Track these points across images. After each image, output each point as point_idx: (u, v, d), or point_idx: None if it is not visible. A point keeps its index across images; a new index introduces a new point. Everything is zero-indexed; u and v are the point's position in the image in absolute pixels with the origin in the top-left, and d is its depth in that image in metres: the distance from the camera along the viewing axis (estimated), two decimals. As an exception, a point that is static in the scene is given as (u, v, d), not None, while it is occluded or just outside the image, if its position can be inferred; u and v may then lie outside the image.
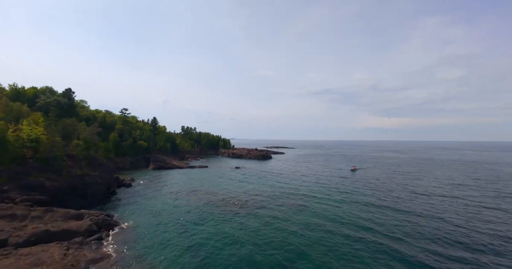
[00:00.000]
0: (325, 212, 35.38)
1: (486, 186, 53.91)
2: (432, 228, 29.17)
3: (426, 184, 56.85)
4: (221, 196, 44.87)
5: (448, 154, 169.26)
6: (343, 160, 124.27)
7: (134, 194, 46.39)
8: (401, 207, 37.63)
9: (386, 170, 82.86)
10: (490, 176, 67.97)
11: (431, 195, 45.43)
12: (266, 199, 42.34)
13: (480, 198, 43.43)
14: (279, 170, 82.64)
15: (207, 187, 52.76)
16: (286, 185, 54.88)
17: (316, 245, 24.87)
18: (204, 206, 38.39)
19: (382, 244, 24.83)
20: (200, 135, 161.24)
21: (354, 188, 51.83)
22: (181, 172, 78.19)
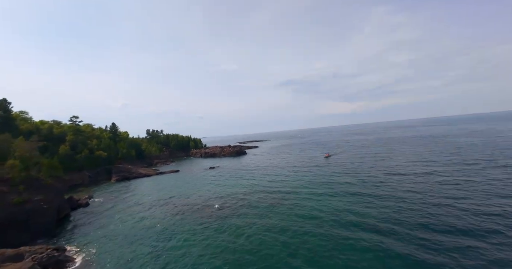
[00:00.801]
0: (308, 209, 33.45)
1: (451, 158, 57.36)
2: (416, 210, 28.87)
3: (397, 163, 58.77)
4: (195, 203, 40.72)
5: (405, 132, 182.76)
6: (315, 147, 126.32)
7: (93, 215, 40.02)
8: (380, 192, 37.34)
9: (357, 153, 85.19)
10: (450, 148, 73.24)
11: (406, 174, 46.49)
12: (244, 200, 39.30)
13: (450, 171, 45.50)
14: (255, 165, 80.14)
15: (179, 195, 48.01)
16: (263, 182, 52.42)
17: (300, 251, 22.59)
18: (177, 218, 34.07)
19: (372, 239, 23.48)
20: (168, 138, 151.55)
21: (331, 176, 51.26)
22: (150, 180, 71.49)
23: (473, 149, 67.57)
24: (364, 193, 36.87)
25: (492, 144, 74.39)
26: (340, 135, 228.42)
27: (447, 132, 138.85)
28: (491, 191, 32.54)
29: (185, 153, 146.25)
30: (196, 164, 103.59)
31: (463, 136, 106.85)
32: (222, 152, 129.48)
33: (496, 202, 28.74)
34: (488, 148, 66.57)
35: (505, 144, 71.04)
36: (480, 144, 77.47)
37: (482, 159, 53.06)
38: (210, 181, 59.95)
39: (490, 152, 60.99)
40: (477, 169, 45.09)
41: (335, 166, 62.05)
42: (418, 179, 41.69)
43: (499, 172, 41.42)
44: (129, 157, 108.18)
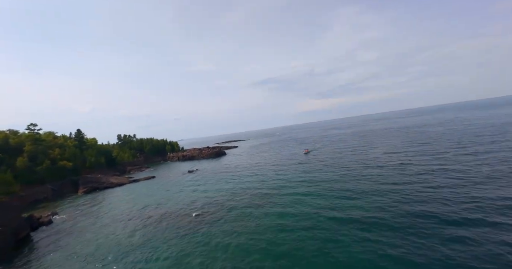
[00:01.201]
0: (292, 210, 31.85)
1: (424, 148, 59.21)
2: (399, 203, 28.38)
3: (376, 155, 59.52)
4: (172, 212, 37.48)
5: (379, 124, 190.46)
6: (295, 144, 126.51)
7: (57, 234, 35.34)
8: (363, 187, 36.77)
9: (336, 147, 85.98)
10: (422, 138, 76.23)
11: (385, 166, 46.74)
12: (225, 205, 36.84)
13: (425, 161, 46.49)
14: (235, 166, 77.61)
15: (155, 203, 44.26)
16: (244, 183, 50.17)
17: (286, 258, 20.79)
18: (151, 231, 30.74)
19: (360, 236, 22.29)
20: (142, 142, 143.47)
21: (313, 173, 50.35)
22: (122, 189, 66.13)
23: (442, 138, 70.74)
24: (347, 188, 36.07)
25: (459, 132, 78.65)
26: (318, 131, 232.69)
27: (417, 123, 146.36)
28: (467, 178, 33.17)
29: (161, 158, 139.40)
30: (173, 168, 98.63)
31: (432, 126, 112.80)
32: (200, 154, 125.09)
33: (472, 189, 29.11)
34: (456, 136, 70.08)
35: (470, 131, 75.31)
36: (448, 132, 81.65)
37: (452, 147, 55.25)
38: (189, 186, 56.53)
39: (458, 140, 64.06)
40: (449, 157, 46.56)
41: (316, 162, 61.52)
42: (397, 171, 41.91)
43: (470, 159, 42.94)
44: (99, 165, 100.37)
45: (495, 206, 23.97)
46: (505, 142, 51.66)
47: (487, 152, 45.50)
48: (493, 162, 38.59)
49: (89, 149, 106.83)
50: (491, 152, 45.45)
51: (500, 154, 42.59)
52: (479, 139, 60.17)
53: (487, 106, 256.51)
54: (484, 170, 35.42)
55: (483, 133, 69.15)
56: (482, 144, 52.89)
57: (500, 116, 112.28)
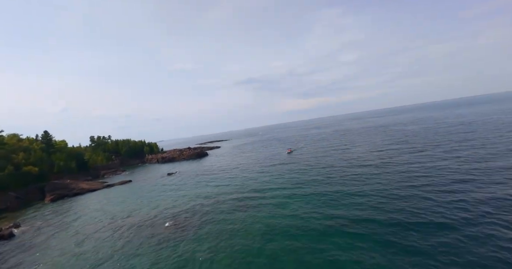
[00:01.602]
0: (278, 216, 30.66)
1: (402, 146, 60.91)
2: (385, 203, 28.20)
3: (358, 154, 60.20)
4: (147, 219, 34.79)
5: (359, 123, 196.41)
6: (277, 143, 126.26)
7: (17, 249, 31.46)
8: (348, 188, 36.55)
9: (318, 146, 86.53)
10: (400, 136, 78.79)
11: (367, 166, 47.12)
12: (204, 212, 34.79)
13: (405, 159, 47.52)
14: (217, 167, 75.34)
15: (129, 211, 41.09)
16: (226, 186, 48.26)
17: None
18: (122, 245, 28.02)
19: (349, 241, 21.53)
20: (117, 144, 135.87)
21: (297, 174, 49.64)
22: (94, 196, 61.42)
23: (418, 136, 73.51)
24: (332, 190, 35.48)
25: (433, 130, 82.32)
26: (300, 130, 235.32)
27: (394, 121, 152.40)
28: (448, 176, 33.96)
29: (139, 160, 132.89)
30: (152, 171, 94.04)
31: (408, 124, 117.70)
32: (181, 155, 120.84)
33: (454, 187, 29.68)
34: (430, 134, 73.13)
35: (444, 130, 79.01)
36: (423, 131, 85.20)
37: (429, 145, 57.26)
38: (167, 190, 53.54)
39: (432, 137, 66.77)
40: (427, 155, 47.96)
41: (300, 162, 61.06)
42: (379, 170, 42.22)
43: (448, 156, 44.41)
44: (69, 170, 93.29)
45: (479, 204, 24.40)
46: (476, 140, 54.42)
47: (461, 149, 47.47)
48: (469, 159, 40.16)
49: (58, 153, 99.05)
50: (465, 149, 47.46)
51: (476, 151, 44.56)
52: (452, 136, 63.08)
53: (456, 105, 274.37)
54: (463, 167, 36.61)
55: (454, 131, 72.79)
56: (457, 142, 55.32)
57: (466, 115, 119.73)
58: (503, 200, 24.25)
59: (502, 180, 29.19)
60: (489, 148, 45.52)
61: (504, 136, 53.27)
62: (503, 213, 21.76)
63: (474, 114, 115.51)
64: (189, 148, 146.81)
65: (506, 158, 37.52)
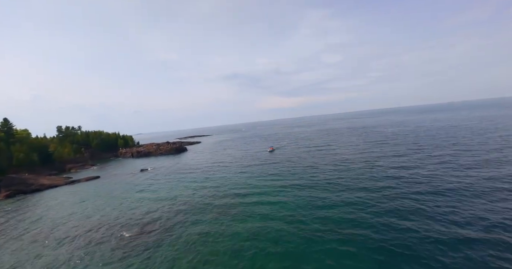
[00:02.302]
0: (259, 221, 27.76)
1: (384, 148, 60.59)
2: (374, 208, 26.26)
3: (342, 156, 58.93)
4: (108, 229, 30.30)
5: (341, 124, 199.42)
6: (260, 141, 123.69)
7: None
8: (335, 195, 34.49)
9: (301, 146, 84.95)
10: (381, 138, 79.18)
11: (351, 169, 45.61)
12: (175, 219, 30.97)
13: (389, 162, 46.63)
14: (195, 164, 71.09)
15: (88, 215, 36.10)
16: (203, 188, 44.27)
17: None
18: (85, 254, 23.73)
19: (337, 249, 19.09)
20: (88, 136, 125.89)
21: (279, 175, 46.95)
22: (54, 193, 54.94)
23: (400, 138, 74.15)
24: (317, 195, 33.17)
25: (413, 133, 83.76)
26: (282, 128, 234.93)
27: (375, 123, 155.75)
28: (431, 178, 32.98)
29: (112, 154, 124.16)
30: (124, 166, 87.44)
31: (388, 126, 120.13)
32: (158, 150, 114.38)
33: (443, 191, 28.50)
34: (411, 137, 74.05)
35: (424, 134, 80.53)
36: (402, 133, 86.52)
37: (412, 148, 57.26)
38: (137, 189, 48.77)
39: (413, 140, 67.40)
40: (414, 158, 47.42)
41: (281, 162, 58.65)
42: (366, 172, 40.73)
43: (437, 161, 43.97)
44: (30, 163, 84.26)
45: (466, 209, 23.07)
46: (458, 144, 55.18)
47: (445, 153, 47.51)
48: (451, 161, 39.81)
49: (18, 144, 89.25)
50: (449, 153, 47.55)
51: (461, 153, 44.59)
52: (433, 140, 63.90)
53: (431, 110, 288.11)
54: (449, 172, 35.95)
55: (434, 134, 74.27)
56: (438, 146, 55.74)
57: (443, 120, 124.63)
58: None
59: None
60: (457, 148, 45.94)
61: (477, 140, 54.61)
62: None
63: (453, 120, 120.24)
64: (168, 143, 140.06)
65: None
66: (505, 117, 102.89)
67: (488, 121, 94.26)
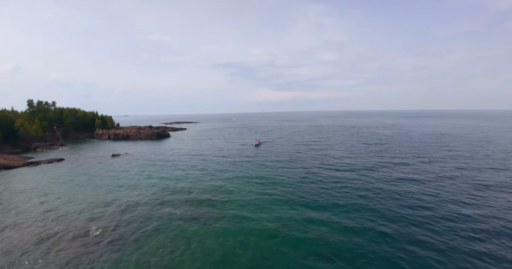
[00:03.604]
0: (235, 229, 22.72)
1: (380, 149, 56.85)
2: (371, 220, 21.80)
3: (334, 155, 54.76)
4: (65, 226, 24.44)
5: (332, 121, 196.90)
6: (248, 132, 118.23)
7: None
8: (328, 201, 29.87)
9: (291, 140, 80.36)
10: (374, 139, 75.78)
11: (345, 170, 41.27)
12: (143, 215, 25.58)
13: (384, 164, 42.65)
14: (175, 154, 64.92)
15: (41, 206, 29.94)
16: (178, 181, 38.77)
17: None
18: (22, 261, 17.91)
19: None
20: (62, 113, 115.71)
21: (264, 172, 42.04)
22: (8, 176, 47.46)
23: (394, 141, 70.94)
24: (307, 200, 28.43)
25: (406, 136, 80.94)
26: (272, 121, 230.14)
27: (367, 124, 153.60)
28: (432, 184, 29.03)
29: (87, 134, 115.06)
30: (97, 149, 79.79)
31: (381, 128, 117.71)
32: (138, 134, 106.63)
33: (441, 197, 24.46)
34: (404, 140, 71.01)
35: (417, 137, 77.82)
36: (395, 136, 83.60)
37: (408, 152, 53.80)
38: (103, 177, 42.54)
39: (408, 143, 64.26)
40: (412, 162, 43.99)
41: (268, 158, 53.69)
42: (361, 177, 36.37)
43: (436, 167, 40.36)
44: (-13, 138, 75.04)
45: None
46: (453, 150, 52.12)
47: (445, 160, 44.08)
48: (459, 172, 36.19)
49: (-26, 115, 79.25)
50: (449, 160, 44.15)
51: (461, 161, 41.17)
52: (428, 146, 60.84)
53: (419, 116, 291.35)
54: (454, 182, 32.15)
55: (429, 140, 71.52)
56: (437, 152, 52.56)
57: (433, 126, 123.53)
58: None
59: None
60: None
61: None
62: None
63: (442, 127, 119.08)
64: (150, 127, 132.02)
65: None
66: (489, 128, 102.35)
67: (477, 131, 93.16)
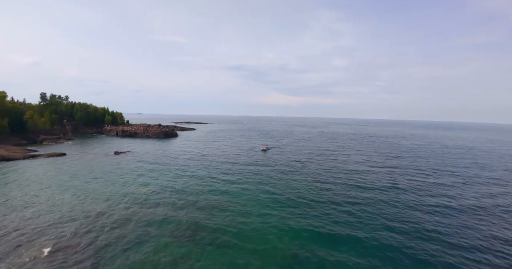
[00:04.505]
0: (243, 243, 18.53)
1: (406, 164, 51.33)
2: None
3: (355, 168, 49.64)
4: (28, 234, 21.11)
5: (346, 129, 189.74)
6: (257, 136, 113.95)
7: None
8: (347, 230, 25.22)
9: (303, 148, 75.48)
10: (394, 151, 69.81)
11: (372, 189, 36.34)
12: (125, 233, 21.86)
13: (419, 185, 37.38)
14: (179, 153, 61.69)
15: (23, 206, 26.89)
16: (175, 186, 35.04)
17: None
18: None
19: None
20: (73, 107, 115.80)
21: (271, 184, 37.68)
22: (5, 168, 45.43)
23: (416, 153, 64.87)
24: (321, 225, 23.95)
25: (429, 148, 74.44)
26: (283, 125, 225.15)
27: (384, 133, 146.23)
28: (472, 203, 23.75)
29: (96, 130, 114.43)
30: (102, 145, 77.86)
31: (395, 138, 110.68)
32: (145, 132, 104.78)
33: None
34: (429, 153, 64.80)
35: (443, 151, 71.33)
36: (418, 148, 77.18)
37: (437, 168, 48.01)
38: (98, 176, 39.48)
39: (435, 157, 58.18)
40: (446, 182, 38.29)
41: (277, 166, 49.18)
42: (389, 199, 31.21)
43: (478, 190, 34.69)
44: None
45: None
46: (488, 168, 45.96)
47: (483, 181, 38.28)
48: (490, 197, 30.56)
49: (-14, 105, 79.31)
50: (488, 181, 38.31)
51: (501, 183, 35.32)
52: (461, 162, 54.65)
53: (439, 127, 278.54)
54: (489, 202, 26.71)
55: (458, 155, 65.04)
56: (467, 167, 46.59)
57: (456, 139, 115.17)
58: None
59: None
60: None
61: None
62: None
63: (470, 140, 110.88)
64: (159, 125, 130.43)
65: None
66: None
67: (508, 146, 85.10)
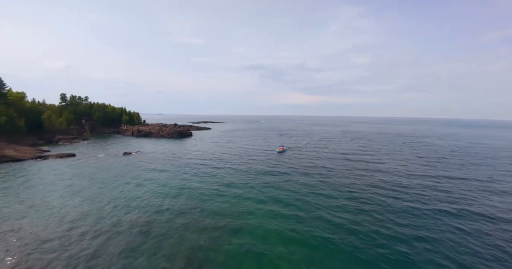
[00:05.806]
0: None
1: (451, 168, 43.06)
2: None
3: (387, 173, 42.34)
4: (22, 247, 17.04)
5: (369, 128, 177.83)
6: (274, 136, 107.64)
7: None
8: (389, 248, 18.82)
9: (324, 149, 68.30)
10: (432, 153, 60.79)
11: (420, 201, 29.32)
12: (139, 233, 17.15)
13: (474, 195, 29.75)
14: (191, 155, 57.40)
15: (17, 214, 23.34)
16: (176, 195, 30.31)
17: None
18: None
19: None
20: (91, 107, 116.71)
21: (286, 196, 31.89)
22: (10, 169, 43.48)
23: (456, 155, 55.58)
24: (349, 250, 17.78)
25: (473, 150, 64.29)
26: (301, 125, 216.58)
27: (414, 132, 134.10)
28: None
29: (113, 129, 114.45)
30: (116, 145, 75.86)
31: (434, 138, 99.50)
32: (160, 131, 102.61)
33: None
34: (474, 155, 55.22)
35: (493, 153, 61.08)
36: (456, 149, 67.16)
37: (484, 173, 39.41)
38: (101, 179, 35.84)
39: (478, 161, 48.95)
40: (492, 190, 30.22)
41: (295, 171, 43.05)
42: (441, 217, 24.43)
43: None
44: (13, 128, 74.96)
45: None
46: None
47: None
48: None
49: (2, 106, 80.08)
50: None
51: None
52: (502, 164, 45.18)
53: (473, 125, 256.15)
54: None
55: (499, 155, 54.95)
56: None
57: (498, 138, 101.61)
58: None
59: None
60: None
61: None
62: None
63: (505, 139, 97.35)
64: (175, 125, 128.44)
65: None
66: None
67: None
